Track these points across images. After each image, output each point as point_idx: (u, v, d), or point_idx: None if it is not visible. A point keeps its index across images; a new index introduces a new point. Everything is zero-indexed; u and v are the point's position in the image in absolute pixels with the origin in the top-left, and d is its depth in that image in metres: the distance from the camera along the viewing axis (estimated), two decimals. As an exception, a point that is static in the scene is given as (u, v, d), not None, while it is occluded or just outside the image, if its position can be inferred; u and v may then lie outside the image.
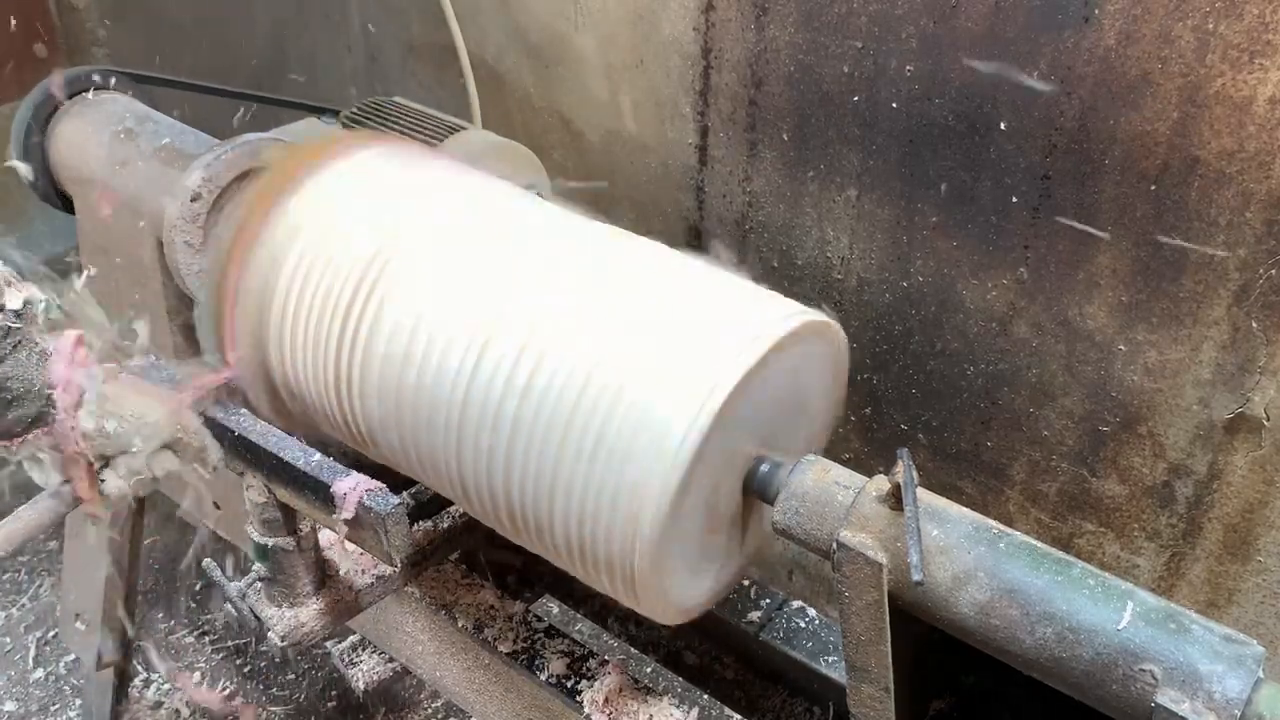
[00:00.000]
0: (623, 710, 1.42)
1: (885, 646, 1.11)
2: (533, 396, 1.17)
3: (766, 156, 2.01)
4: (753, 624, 1.62)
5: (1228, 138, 1.46)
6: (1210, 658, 0.95)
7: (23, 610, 2.66)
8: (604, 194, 2.34)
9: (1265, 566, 1.67)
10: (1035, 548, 1.07)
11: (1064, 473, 1.84)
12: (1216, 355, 1.59)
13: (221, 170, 1.62)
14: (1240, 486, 1.64)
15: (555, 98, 2.33)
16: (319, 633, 1.44)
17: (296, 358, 1.38)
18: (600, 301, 1.22)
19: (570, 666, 1.47)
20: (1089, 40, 1.53)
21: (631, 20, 2.09)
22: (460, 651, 1.58)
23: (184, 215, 1.62)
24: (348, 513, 1.23)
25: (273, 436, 1.31)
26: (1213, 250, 1.52)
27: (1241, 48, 1.41)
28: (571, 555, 1.22)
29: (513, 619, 1.54)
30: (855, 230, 1.94)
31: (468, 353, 1.22)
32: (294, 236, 1.37)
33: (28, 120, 1.86)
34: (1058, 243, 1.68)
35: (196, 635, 2.60)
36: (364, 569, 1.49)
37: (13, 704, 2.44)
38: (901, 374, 1.99)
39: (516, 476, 1.20)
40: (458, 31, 2.40)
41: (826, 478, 1.18)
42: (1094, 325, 1.70)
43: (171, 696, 2.44)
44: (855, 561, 1.09)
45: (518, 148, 1.96)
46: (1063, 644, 1.01)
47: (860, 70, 1.80)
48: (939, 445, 2.00)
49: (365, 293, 1.31)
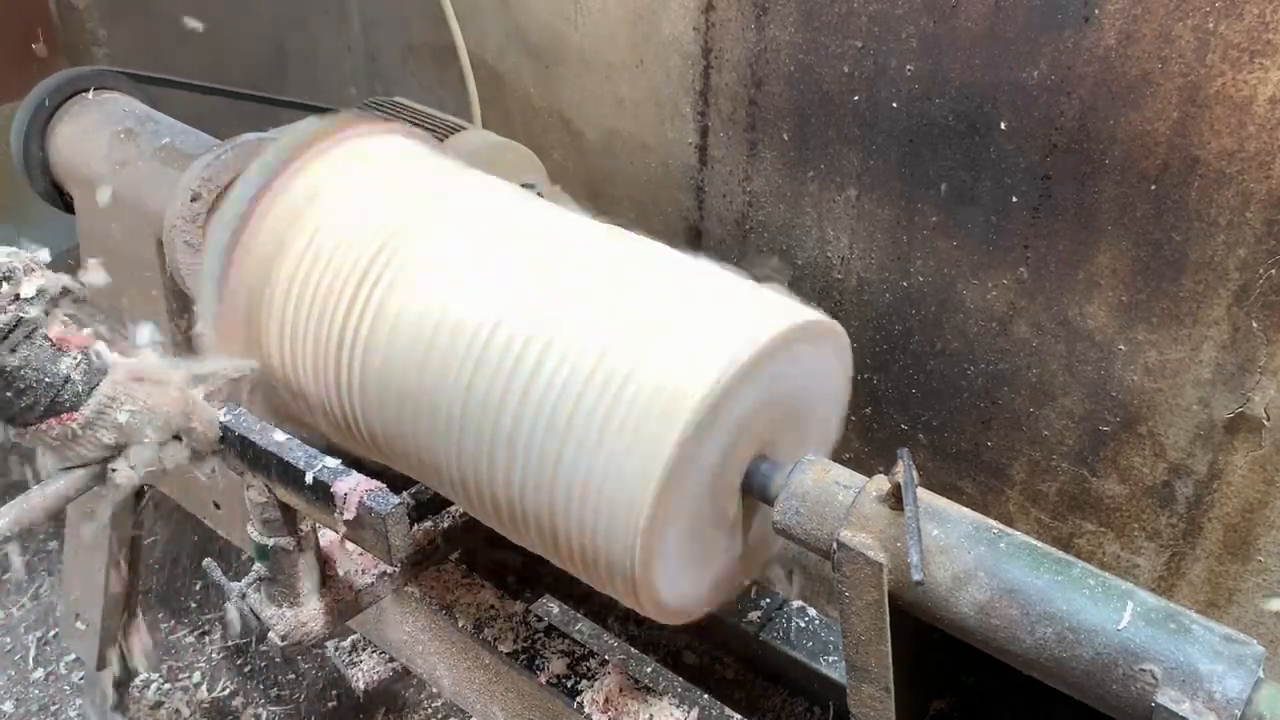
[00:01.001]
0: (623, 710, 1.41)
1: (885, 646, 1.11)
2: (537, 387, 1.17)
3: (766, 156, 2.01)
4: (753, 624, 1.62)
5: (1228, 138, 1.46)
6: (1210, 658, 0.95)
7: (23, 610, 2.66)
8: (604, 194, 2.34)
9: (1265, 566, 1.67)
10: (1035, 548, 1.07)
11: (1064, 472, 1.84)
12: (1216, 355, 1.59)
13: (221, 170, 1.62)
14: (1240, 486, 1.64)
15: (555, 98, 2.33)
16: (319, 633, 1.44)
17: (296, 349, 1.38)
18: (606, 295, 1.22)
19: (570, 666, 1.47)
20: (1089, 40, 1.53)
21: (631, 20, 2.09)
22: (460, 651, 1.58)
23: (184, 215, 1.61)
24: (349, 513, 1.23)
25: (272, 436, 1.31)
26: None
27: (1242, 47, 1.41)
28: (571, 553, 1.22)
29: (513, 619, 1.54)
30: (855, 230, 1.94)
31: (472, 344, 1.22)
32: (297, 222, 1.37)
33: (27, 120, 1.86)
34: (1058, 242, 1.68)
35: (197, 635, 2.60)
36: (364, 569, 1.49)
37: (12, 704, 2.44)
38: (901, 374, 1.99)
39: (518, 470, 1.20)
40: (458, 31, 2.40)
41: (826, 477, 1.18)
42: (1094, 325, 1.70)
43: (171, 696, 2.44)
44: (855, 561, 1.09)
45: (518, 148, 1.96)
46: (1063, 644, 1.01)
47: (860, 70, 1.80)
48: (939, 445, 2.00)
49: (370, 283, 1.31)
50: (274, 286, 1.39)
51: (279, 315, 1.39)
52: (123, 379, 1.21)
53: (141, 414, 1.20)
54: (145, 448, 1.22)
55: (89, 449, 1.20)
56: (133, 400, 1.20)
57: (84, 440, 1.19)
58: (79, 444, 1.19)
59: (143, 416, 1.20)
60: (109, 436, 1.20)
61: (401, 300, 1.29)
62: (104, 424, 1.19)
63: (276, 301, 1.39)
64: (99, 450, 1.21)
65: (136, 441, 1.21)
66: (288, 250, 1.38)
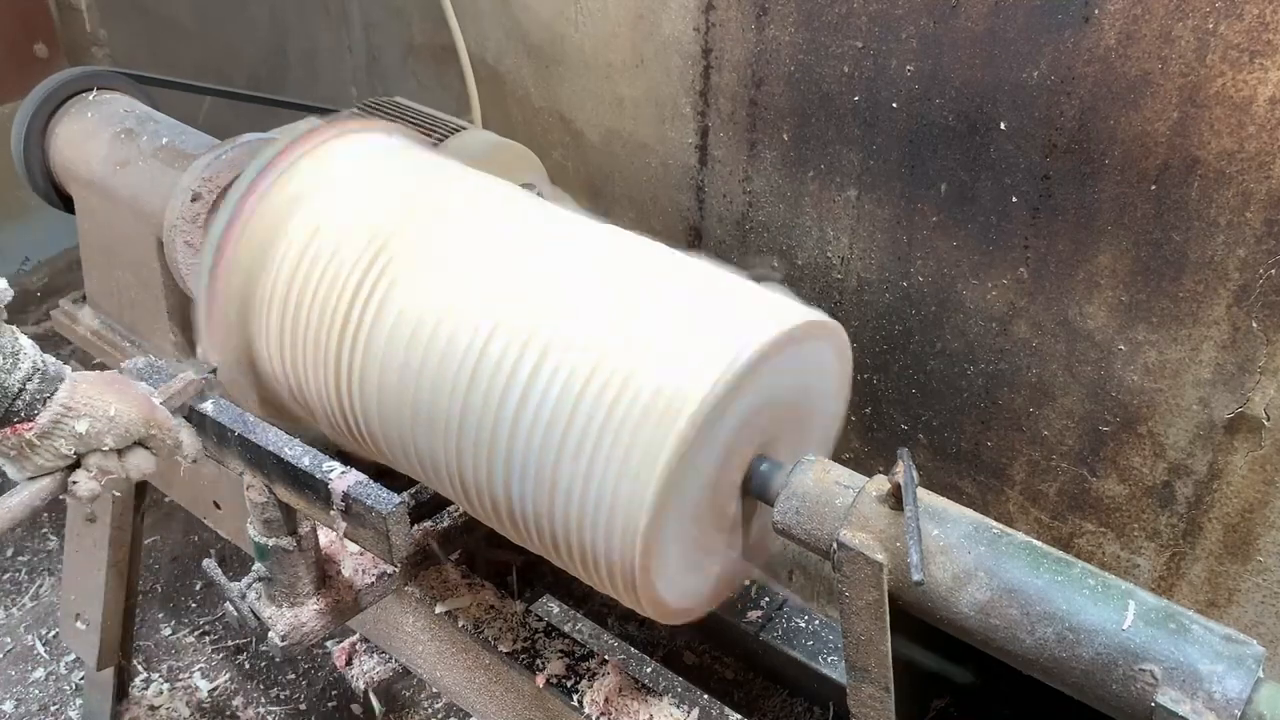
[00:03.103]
0: (623, 710, 1.41)
1: (885, 646, 1.11)
2: (536, 388, 1.17)
3: (766, 156, 2.01)
4: (753, 624, 1.61)
5: (1228, 138, 1.46)
6: (1210, 658, 0.95)
7: (23, 610, 2.66)
8: (604, 194, 2.34)
9: (1265, 566, 1.67)
10: (1035, 548, 1.07)
11: (1064, 472, 1.84)
12: (1216, 355, 1.59)
13: (221, 170, 1.62)
14: (1240, 486, 1.64)
15: (555, 98, 2.33)
16: (319, 633, 1.44)
17: (296, 350, 1.38)
18: (606, 296, 1.22)
19: (570, 666, 1.47)
20: (1089, 40, 1.53)
21: (631, 20, 2.09)
22: (460, 651, 1.58)
23: (184, 215, 1.62)
24: (347, 511, 1.23)
25: (272, 435, 1.31)
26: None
27: (1241, 48, 1.41)
28: (571, 553, 1.22)
29: (513, 619, 1.54)
30: (855, 230, 1.94)
31: (473, 340, 1.22)
32: (292, 217, 1.37)
33: (27, 120, 1.87)
34: (1058, 242, 1.68)
35: (197, 635, 2.60)
36: (364, 569, 1.49)
37: (12, 704, 2.44)
38: (901, 374, 1.99)
39: (517, 471, 1.20)
40: (458, 31, 2.40)
41: (827, 478, 1.18)
42: (1094, 325, 1.70)
43: (171, 696, 2.44)
44: (855, 561, 1.09)
45: (518, 148, 1.96)
46: (1063, 644, 1.01)
47: (860, 70, 1.80)
48: (939, 445, 2.00)
49: (370, 285, 1.31)
50: (269, 286, 1.39)
51: (278, 316, 1.39)
52: (82, 388, 1.19)
53: (100, 422, 1.18)
54: (106, 456, 1.20)
55: (46, 459, 1.17)
56: (91, 408, 1.18)
57: (41, 450, 1.16)
58: (36, 454, 1.17)
59: (101, 425, 1.18)
60: (67, 446, 1.17)
61: (401, 302, 1.29)
62: (61, 433, 1.16)
63: (275, 301, 1.39)
64: (57, 460, 1.18)
65: (96, 448, 1.19)
66: (278, 251, 1.38)
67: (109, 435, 1.19)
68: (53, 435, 1.16)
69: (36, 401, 1.15)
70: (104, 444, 1.19)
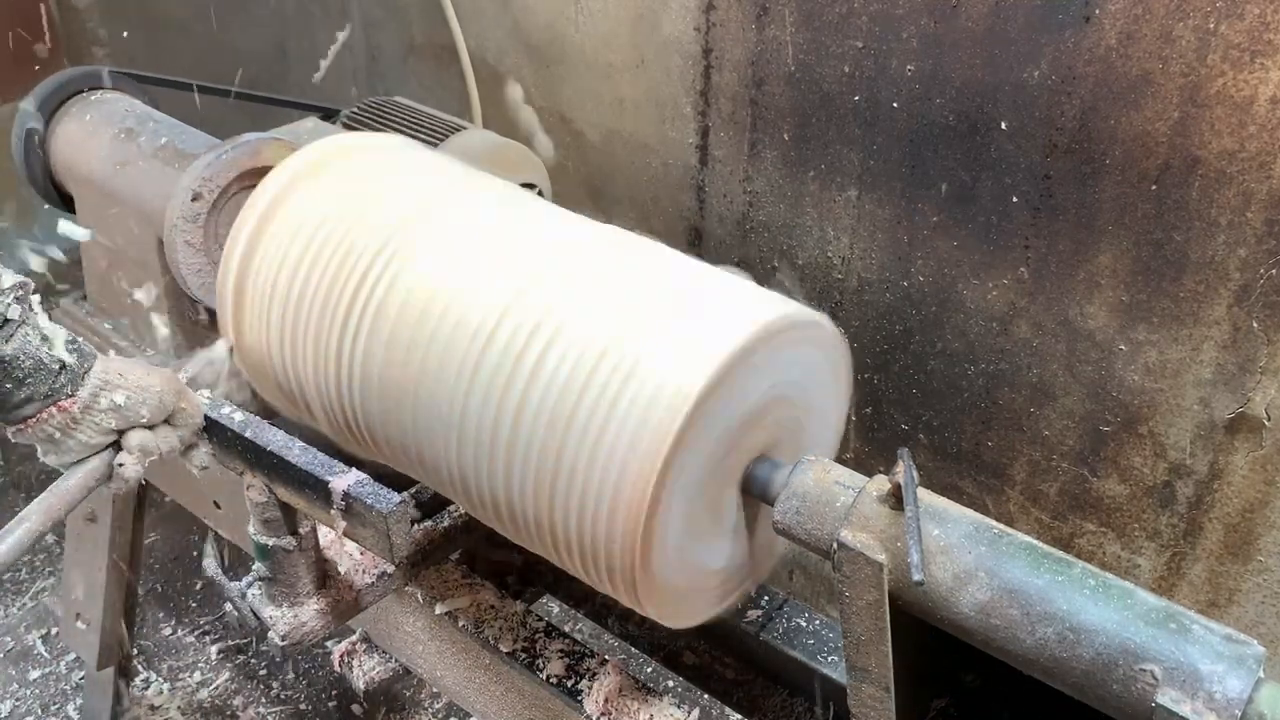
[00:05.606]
0: (623, 710, 1.41)
1: (885, 646, 1.11)
2: (537, 385, 1.17)
3: (767, 156, 2.01)
4: (753, 624, 1.61)
5: (1228, 138, 1.46)
6: (1211, 658, 0.95)
7: (23, 610, 2.66)
8: (604, 194, 2.34)
9: (1266, 566, 1.67)
10: (1035, 548, 1.07)
11: (1064, 473, 1.84)
12: (1217, 355, 1.59)
13: (221, 170, 1.62)
14: (1241, 486, 1.64)
15: (555, 98, 2.33)
16: (319, 632, 1.44)
17: (296, 348, 1.38)
18: (605, 295, 1.22)
19: (570, 666, 1.47)
20: (1089, 40, 1.53)
21: (632, 20, 2.09)
22: (460, 651, 1.58)
23: (184, 215, 1.62)
24: (348, 510, 1.23)
25: (272, 435, 1.31)
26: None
27: (1242, 47, 1.41)
28: (570, 551, 1.22)
29: (513, 619, 1.54)
30: (856, 230, 1.94)
31: (473, 342, 1.22)
32: (301, 217, 1.38)
33: (27, 120, 1.87)
34: (1058, 242, 1.68)
35: (197, 635, 2.60)
36: (364, 569, 1.49)
37: (11, 704, 2.44)
38: (902, 374, 1.99)
39: (517, 468, 1.20)
40: (458, 31, 2.40)
41: (827, 478, 1.18)
42: (1094, 325, 1.70)
43: (171, 696, 2.44)
44: (856, 561, 1.09)
45: (518, 147, 1.96)
46: (1063, 644, 1.01)
47: (861, 70, 1.80)
48: (939, 445, 2.00)
49: (371, 282, 1.31)
50: (264, 282, 1.40)
51: (278, 311, 1.39)
52: (115, 363, 1.23)
53: (135, 394, 1.22)
54: (143, 432, 1.24)
55: (90, 434, 1.20)
56: (125, 381, 1.21)
57: (84, 425, 1.19)
58: (80, 430, 1.20)
59: (137, 396, 1.22)
60: (108, 420, 1.20)
61: (402, 299, 1.29)
62: (101, 406, 1.20)
63: (277, 297, 1.39)
64: (100, 435, 1.21)
65: (135, 422, 1.23)
66: (269, 248, 1.39)
67: (144, 406, 1.23)
68: (94, 409, 1.19)
69: (76, 378, 1.18)
70: (141, 416, 1.23)
